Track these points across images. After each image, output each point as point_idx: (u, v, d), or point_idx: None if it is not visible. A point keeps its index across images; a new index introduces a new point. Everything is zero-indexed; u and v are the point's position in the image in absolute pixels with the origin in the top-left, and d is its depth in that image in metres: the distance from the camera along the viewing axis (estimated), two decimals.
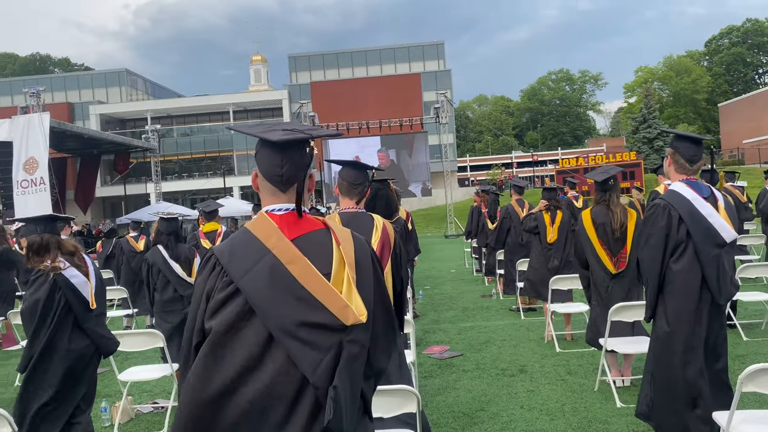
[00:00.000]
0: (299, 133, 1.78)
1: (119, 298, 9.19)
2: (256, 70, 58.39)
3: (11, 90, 51.89)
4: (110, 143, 27.23)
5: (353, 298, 1.66)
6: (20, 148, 17.27)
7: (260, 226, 1.74)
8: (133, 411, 5.23)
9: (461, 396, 5.24)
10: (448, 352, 6.70)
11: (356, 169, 3.36)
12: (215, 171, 46.50)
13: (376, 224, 3.19)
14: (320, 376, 1.58)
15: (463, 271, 14.24)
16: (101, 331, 3.99)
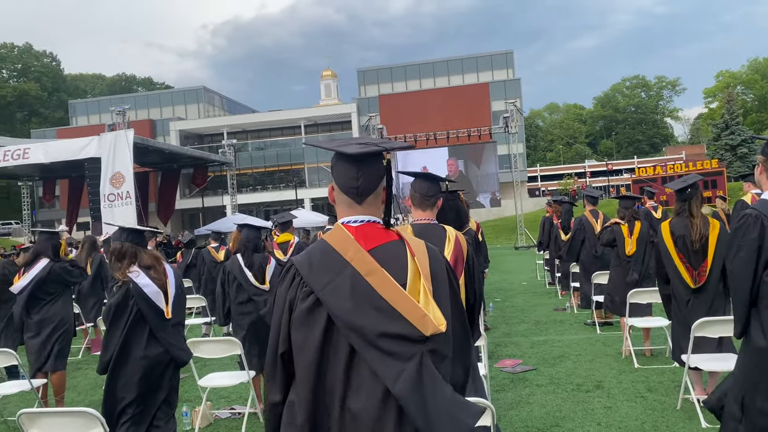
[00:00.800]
0: (373, 146, 1.81)
1: (198, 306, 9.56)
2: (326, 85, 59.59)
3: (99, 109, 55.20)
4: (189, 158, 28.44)
5: (431, 308, 1.66)
6: (107, 164, 18.30)
7: (338, 238, 1.77)
8: (212, 416, 5.42)
9: (535, 411, 5.13)
10: (521, 366, 6.58)
11: (429, 181, 3.37)
12: (287, 183, 47.64)
13: (448, 235, 3.18)
14: (402, 387, 1.59)
15: (535, 283, 13.94)
16: (174, 340, 4.04)
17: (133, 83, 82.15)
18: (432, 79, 52.13)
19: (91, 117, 55.45)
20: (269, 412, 1.87)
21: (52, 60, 72.86)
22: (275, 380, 1.81)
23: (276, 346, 1.79)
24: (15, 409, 6.16)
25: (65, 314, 5.94)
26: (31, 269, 5.80)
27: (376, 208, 1.86)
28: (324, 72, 60.66)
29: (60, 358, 5.81)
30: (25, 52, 69.15)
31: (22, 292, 5.68)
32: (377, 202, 1.86)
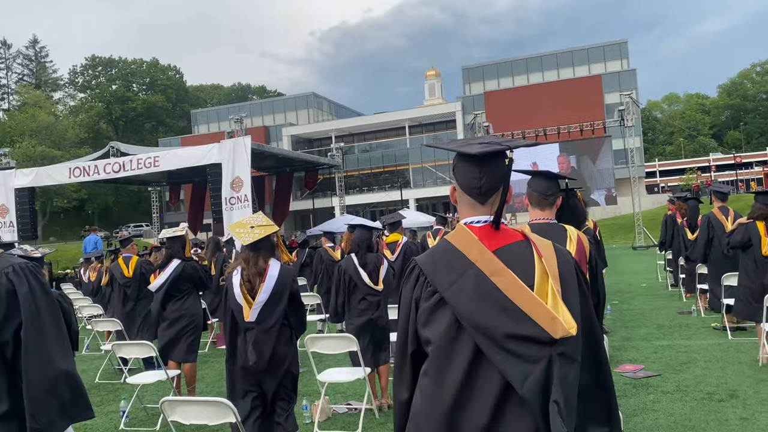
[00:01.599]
0: (496, 145, 1.80)
1: (313, 304, 9.91)
2: (430, 85, 59.73)
3: (218, 117, 58.69)
4: (301, 161, 29.51)
5: (560, 310, 1.62)
6: (227, 169, 19.41)
7: (461, 239, 1.77)
8: (330, 410, 5.61)
9: (661, 419, 4.85)
10: (643, 372, 6.25)
11: (547, 179, 3.29)
12: (392, 184, 48.26)
13: (569, 235, 3.09)
14: (529, 389, 1.57)
15: (656, 285, 13.17)
16: (258, 342, 3.91)
17: (248, 92, 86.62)
18: (540, 74, 50.66)
19: (211, 125, 59.07)
20: (396, 409, 1.90)
21: (176, 73, 78.40)
22: (403, 378, 1.84)
23: (405, 345, 1.81)
24: (152, 396, 6.72)
25: (195, 310, 6.39)
26: (165, 269, 6.29)
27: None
28: (428, 72, 60.84)
29: (191, 351, 6.25)
30: (153, 66, 74.88)
31: (159, 290, 6.17)
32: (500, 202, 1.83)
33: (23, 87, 65.02)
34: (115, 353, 6.45)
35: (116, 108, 68.34)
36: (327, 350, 5.51)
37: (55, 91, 71.73)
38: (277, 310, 3.92)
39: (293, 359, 4.07)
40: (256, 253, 3.97)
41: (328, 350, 5.51)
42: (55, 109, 62.62)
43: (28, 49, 72.31)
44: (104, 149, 23.43)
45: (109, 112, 68.19)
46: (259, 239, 3.94)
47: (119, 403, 6.07)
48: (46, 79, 71.12)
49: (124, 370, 7.06)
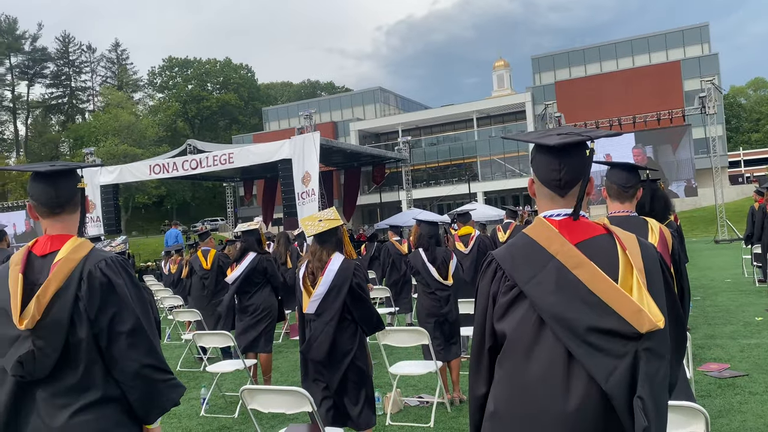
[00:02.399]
0: (576, 135, 1.75)
1: (382, 297, 9.99)
2: (499, 76, 58.77)
3: (288, 114, 59.95)
4: (368, 156, 29.73)
5: (646, 303, 1.57)
6: (298, 164, 19.85)
7: (540, 232, 1.74)
8: (402, 403, 5.65)
9: (749, 421, 4.61)
10: (729, 371, 5.95)
11: (627, 171, 3.19)
12: (460, 177, 47.86)
13: (651, 228, 2.98)
14: (614, 384, 1.53)
15: (742, 281, 12.47)
16: (318, 333, 3.98)
17: (317, 88, 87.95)
18: (614, 61, 48.84)
19: (281, 122, 60.43)
20: (472, 403, 1.89)
21: (247, 71, 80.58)
22: (480, 372, 1.83)
23: (482, 340, 1.80)
24: (230, 385, 6.97)
25: (270, 302, 6.57)
26: (241, 262, 6.50)
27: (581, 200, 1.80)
28: (496, 63, 59.87)
29: (267, 341, 6.45)
30: (226, 66, 77.27)
31: (235, 282, 6.38)
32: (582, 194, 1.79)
33: (106, 89, 68.61)
34: (195, 342, 6.72)
35: (192, 107, 71.01)
36: (398, 343, 5.54)
37: (135, 91, 75.35)
38: (336, 304, 3.93)
39: (359, 354, 4.03)
40: (321, 246, 4.05)
41: (399, 343, 5.54)
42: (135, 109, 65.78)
43: (111, 53, 76.33)
44: (182, 147, 24.39)
45: (185, 111, 70.95)
46: (324, 232, 4.01)
47: (200, 391, 6.34)
48: (127, 81, 74.76)
49: (204, 358, 7.36)
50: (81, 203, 2.21)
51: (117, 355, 2.07)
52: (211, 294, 8.20)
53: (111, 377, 2.09)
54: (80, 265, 2.10)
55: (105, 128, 55.51)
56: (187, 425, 5.72)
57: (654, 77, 41.84)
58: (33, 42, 69.60)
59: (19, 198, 41.78)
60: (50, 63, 71.71)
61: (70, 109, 74.54)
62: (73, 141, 63.97)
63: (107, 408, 2.08)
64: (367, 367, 4.13)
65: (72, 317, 2.05)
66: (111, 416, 2.08)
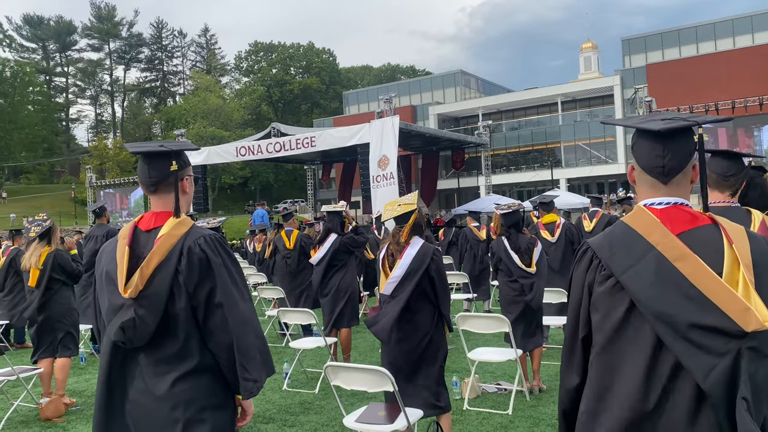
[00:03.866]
0: (681, 120, 1.69)
1: (459, 282, 9.97)
2: (586, 58, 56.67)
3: (368, 98, 60.37)
4: (447, 140, 29.56)
5: (753, 300, 1.50)
6: (376, 148, 20.02)
7: (640, 221, 1.69)
8: (479, 389, 5.65)
9: None
10: None
11: (728, 159, 3.03)
12: (542, 163, 46.69)
13: (753, 219, 2.83)
14: (713, 383, 1.48)
15: None
16: (391, 313, 4.05)
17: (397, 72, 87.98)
18: (712, 42, 45.90)
19: (361, 105, 60.96)
20: (564, 395, 1.87)
21: (329, 56, 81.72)
22: (572, 363, 1.81)
23: (576, 330, 1.79)
24: (311, 361, 7.20)
25: (351, 281, 6.73)
26: (324, 243, 6.68)
27: (684, 189, 1.73)
28: (583, 44, 57.72)
29: (350, 318, 6.61)
30: (309, 50, 78.66)
31: (320, 263, 6.56)
32: (685, 182, 1.73)
33: (196, 73, 71.59)
34: (279, 318, 6.97)
35: (275, 91, 72.88)
36: (477, 329, 5.54)
37: (222, 75, 78.20)
38: (410, 286, 3.95)
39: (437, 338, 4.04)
40: (400, 229, 4.10)
41: (478, 329, 5.54)
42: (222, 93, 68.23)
43: (200, 38, 79.53)
44: (266, 130, 25.12)
45: (269, 95, 72.93)
46: (401, 215, 4.06)
47: (282, 366, 6.59)
48: (215, 65, 77.68)
49: (287, 334, 7.63)
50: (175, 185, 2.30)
51: (212, 328, 2.19)
52: (294, 273, 8.47)
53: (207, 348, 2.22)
54: (181, 241, 2.23)
55: (194, 111, 57.96)
56: (270, 398, 5.97)
57: (757, 58, 38.99)
58: (129, 28, 73.82)
59: (115, 176, 44.53)
60: (145, 48, 75.76)
61: (162, 92, 78.43)
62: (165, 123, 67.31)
63: (203, 377, 2.21)
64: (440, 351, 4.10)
65: (171, 289, 2.18)
66: (206, 385, 2.21)
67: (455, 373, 5.79)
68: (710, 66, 40.24)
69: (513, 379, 5.49)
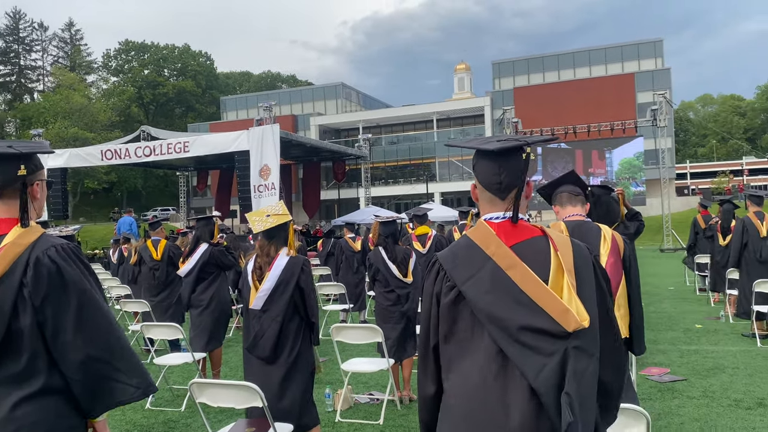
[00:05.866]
0: (514, 141, 1.81)
1: (336, 293, 9.97)
2: (460, 79, 59.41)
3: (247, 104, 59.12)
4: (328, 151, 29.63)
5: (574, 303, 1.64)
6: (256, 156, 19.60)
7: (479, 234, 1.81)
8: (352, 399, 5.65)
9: (687, 425, 4.80)
10: (669, 376, 6.18)
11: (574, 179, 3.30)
12: (418, 177, 48.17)
13: (604, 234, 3.07)
14: (543, 381, 1.59)
15: (684, 288, 12.96)
16: (263, 330, 3.93)
17: (278, 80, 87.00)
18: (572, 70, 49.97)
19: (239, 112, 59.55)
20: (422, 404, 1.93)
21: (206, 59, 79.10)
22: (427, 372, 1.88)
23: (427, 339, 1.86)
24: (178, 378, 6.84)
25: (222, 295, 6.47)
26: (193, 254, 6.38)
27: (521, 203, 1.84)
28: (458, 65, 60.51)
29: (218, 336, 6.35)
30: (184, 52, 75.65)
31: (189, 275, 6.26)
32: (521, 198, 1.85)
33: (58, 69, 66.27)
34: (143, 333, 6.56)
35: (147, 92, 69.28)
36: (351, 340, 5.54)
37: (88, 74, 73.00)
38: (283, 300, 3.87)
39: (304, 351, 3.98)
40: (269, 242, 3.99)
41: (353, 340, 5.54)
42: (88, 92, 63.65)
43: (64, 32, 73.68)
44: (135, 133, 23.80)
45: (140, 97, 69.17)
46: (273, 228, 3.96)
47: None
48: (80, 62, 72.36)
49: (151, 350, 7.20)
50: (22, 191, 2.08)
51: (63, 346, 2.00)
52: (161, 285, 8.02)
53: (56, 368, 2.02)
54: (27, 251, 2.02)
55: (55, 109, 53.58)
56: (131, 418, 5.58)
57: (609, 88, 43.03)
58: None
59: None
60: None
61: (18, 88, 71.66)
62: (20, 121, 61.53)
63: (50, 399, 2.01)
64: (311, 365, 4.06)
65: (15, 304, 1.98)
66: (53, 407, 2.01)
67: (328, 385, 5.75)
68: (570, 91, 43.75)
69: (385, 388, 5.55)
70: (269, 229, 3.96)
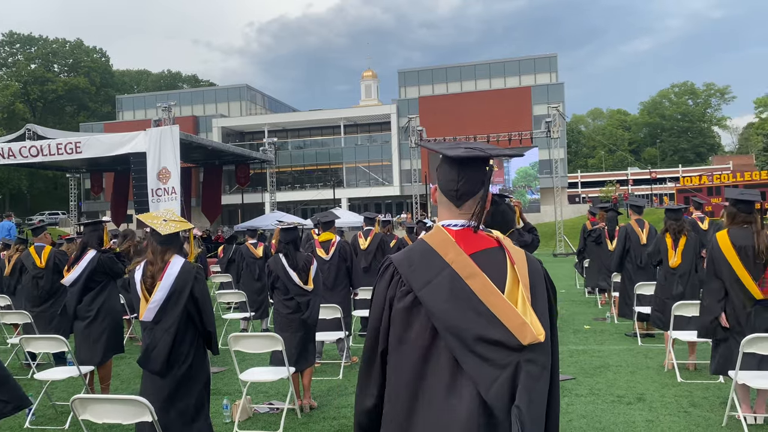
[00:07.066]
0: (478, 151, 1.79)
1: (238, 301, 9.71)
2: (367, 86, 59.87)
3: (145, 104, 56.58)
4: (231, 155, 28.82)
5: (529, 316, 1.64)
6: (154, 159, 18.73)
7: (438, 240, 1.77)
8: (251, 410, 5.51)
9: (575, 421, 5.06)
10: (560, 375, 6.49)
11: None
12: (325, 183, 48.03)
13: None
14: (495, 394, 1.57)
15: (574, 291, 13.73)
16: (155, 342, 3.78)
17: (179, 80, 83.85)
18: (473, 82, 51.80)
19: (137, 112, 56.88)
20: (360, 416, 1.85)
21: (101, 56, 74.93)
22: (371, 378, 1.81)
23: (375, 345, 1.79)
24: (62, 394, 6.39)
25: (112, 305, 6.10)
26: (80, 261, 5.97)
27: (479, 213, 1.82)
28: (365, 72, 60.97)
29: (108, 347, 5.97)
30: (77, 47, 71.24)
31: (74, 284, 5.86)
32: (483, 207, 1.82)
33: None
34: (23, 347, 6.07)
35: (34, 88, 64.61)
36: (251, 349, 5.40)
37: None
38: (176, 311, 3.71)
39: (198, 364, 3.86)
40: (164, 248, 3.83)
41: (252, 349, 5.40)
42: None
43: None
44: (20, 131, 22.10)
45: (26, 93, 64.38)
46: (170, 234, 3.81)
47: None
48: None
49: (32, 365, 6.69)
50: None
51: None
52: (45, 295, 7.47)
53: None
54: None
55: None
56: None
57: (507, 100, 45.04)
58: None
59: None
60: None
61: None
62: None
63: None
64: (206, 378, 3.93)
65: None
66: None
67: (226, 396, 5.59)
68: (471, 102, 45.35)
69: (285, 397, 5.46)
70: (167, 235, 3.79)
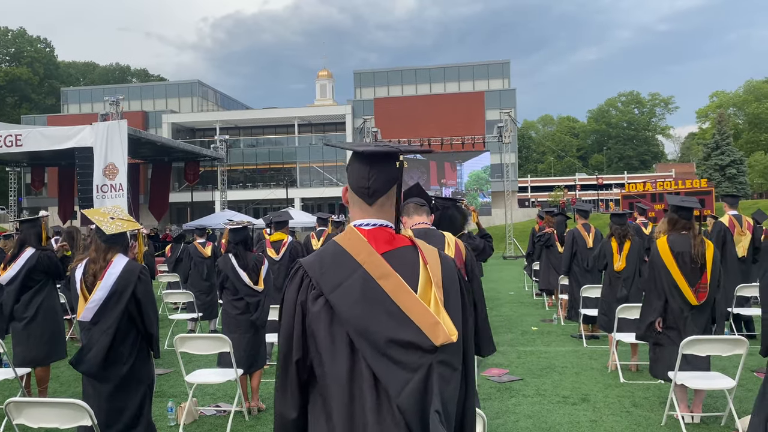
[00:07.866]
0: (388, 147, 1.75)
1: (185, 302, 9.49)
2: (322, 85, 59.56)
3: (92, 97, 54.81)
4: (181, 151, 28.19)
5: (442, 316, 1.60)
6: (100, 154, 18.14)
7: (350, 241, 1.71)
8: (197, 413, 5.38)
9: (521, 422, 5.14)
10: (507, 376, 6.60)
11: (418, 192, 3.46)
12: (278, 182, 47.52)
13: (447, 241, 3.21)
14: (405, 398, 1.53)
15: (523, 293, 13.99)
16: (92, 344, 3.69)
17: (128, 74, 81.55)
18: (428, 85, 52.25)
19: (83, 105, 55.05)
20: (287, 426, 1.74)
21: (45, 46, 72.19)
22: (287, 391, 1.71)
23: (289, 353, 1.69)
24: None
25: (51, 305, 5.86)
26: (17, 259, 5.71)
27: (389, 211, 1.78)
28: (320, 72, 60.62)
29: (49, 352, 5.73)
30: (19, 36, 68.42)
31: (11, 283, 5.60)
32: (389, 205, 1.77)
33: None
34: None
35: None
36: (198, 351, 5.28)
37: None
38: (116, 312, 3.60)
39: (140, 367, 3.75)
40: (109, 247, 3.70)
41: (199, 351, 5.28)
42: None
43: None
44: None
45: None
46: (119, 233, 3.69)
47: None
48: None
49: None
50: None
51: None
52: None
53: None
54: None
55: None
56: None
57: (461, 104, 45.61)
58: None
59: None
60: None
61: None
62: None
63: None
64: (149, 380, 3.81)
65: None
66: None
67: (171, 399, 5.44)
68: (426, 105, 45.74)
69: (233, 399, 5.36)
70: (113, 234, 3.66)
